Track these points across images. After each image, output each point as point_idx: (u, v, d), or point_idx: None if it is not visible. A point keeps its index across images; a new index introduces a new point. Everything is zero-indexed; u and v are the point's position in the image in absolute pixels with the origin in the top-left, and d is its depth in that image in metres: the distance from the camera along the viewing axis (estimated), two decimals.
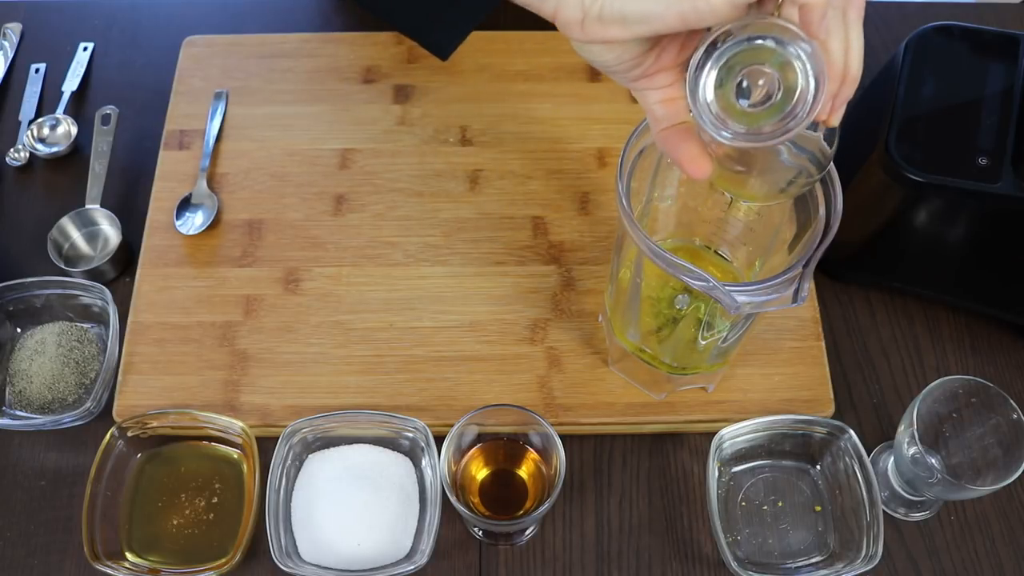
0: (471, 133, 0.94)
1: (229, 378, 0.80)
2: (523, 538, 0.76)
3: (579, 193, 0.90)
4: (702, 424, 0.79)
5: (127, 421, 0.76)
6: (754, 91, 0.50)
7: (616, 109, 0.96)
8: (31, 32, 1.04)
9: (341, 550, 0.72)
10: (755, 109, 0.50)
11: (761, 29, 0.49)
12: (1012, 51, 0.79)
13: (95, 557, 0.70)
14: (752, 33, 0.49)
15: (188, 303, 0.84)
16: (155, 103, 0.96)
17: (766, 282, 0.59)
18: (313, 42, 0.99)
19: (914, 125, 0.76)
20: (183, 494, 0.76)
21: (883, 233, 0.80)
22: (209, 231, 0.87)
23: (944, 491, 0.70)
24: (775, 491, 0.77)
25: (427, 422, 0.74)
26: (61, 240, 0.88)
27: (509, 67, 0.98)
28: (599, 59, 0.54)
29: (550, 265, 0.86)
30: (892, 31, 1.04)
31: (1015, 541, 0.76)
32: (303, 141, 0.93)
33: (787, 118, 0.50)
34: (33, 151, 0.94)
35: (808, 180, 0.58)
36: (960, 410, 0.73)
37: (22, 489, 0.78)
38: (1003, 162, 0.73)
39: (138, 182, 0.93)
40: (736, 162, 0.57)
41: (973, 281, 0.82)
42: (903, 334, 0.86)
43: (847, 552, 0.73)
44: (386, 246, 0.87)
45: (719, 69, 0.50)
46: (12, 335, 0.83)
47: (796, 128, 0.50)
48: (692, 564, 0.75)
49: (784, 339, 0.82)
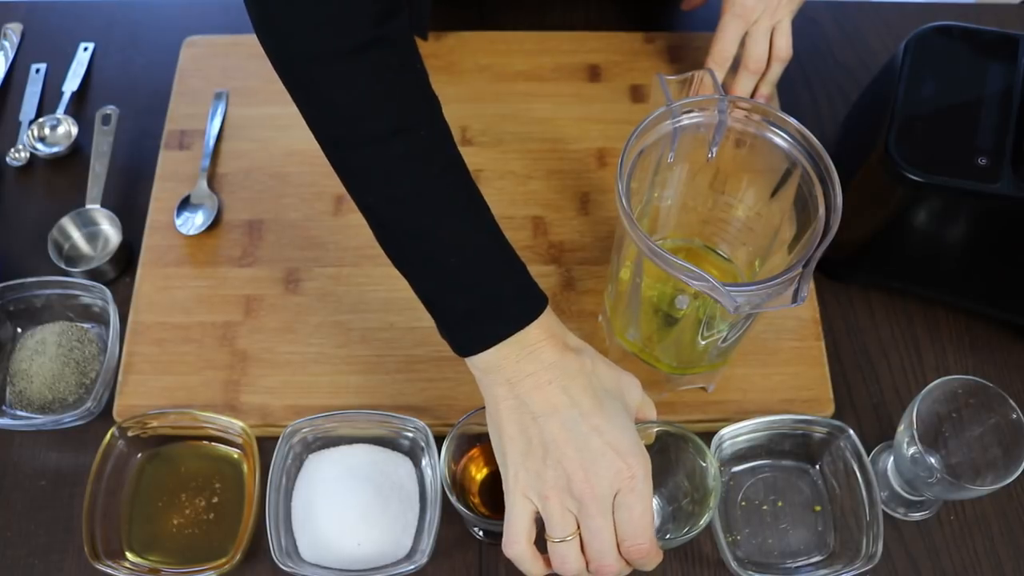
0: (471, 133, 0.94)
1: (229, 378, 0.80)
2: None
3: (579, 193, 0.90)
4: (702, 424, 0.79)
5: (127, 421, 0.76)
6: None
7: (616, 109, 0.96)
8: (31, 32, 1.04)
9: (341, 550, 0.72)
10: None
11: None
12: (1012, 51, 0.79)
13: (95, 557, 0.71)
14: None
15: (188, 303, 0.84)
16: (155, 103, 0.96)
17: (766, 282, 0.59)
18: None
19: (914, 125, 0.76)
20: (183, 494, 0.76)
21: (883, 233, 0.80)
22: (209, 231, 0.87)
23: (944, 491, 0.70)
24: (775, 491, 0.77)
25: (427, 422, 0.74)
26: (61, 240, 0.88)
27: (509, 67, 0.98)
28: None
29: (550, 265, 0.86)
30: (892, 31, 1.04)
31: (1015, 541, 0.76)
32: (303, 141, 0.91)
33: None
34: (33, 151, 0.94)
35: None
36: (959, 410, 0.73)
37: (22, 489, 0.78)
38: (1003, 162, 0.73)
39: (138, 182, 0.93)
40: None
41: (973, 281, 0.82)
42: (903, 334, 0.86)
43: (847, 552, 0.73)
44: None
45: None
46: (12, 335, 0.83)
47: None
48: (692, 564, 0.75)
49: (784, 339, 0.82)
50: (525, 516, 0.60)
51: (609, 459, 0.58)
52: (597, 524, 0.58)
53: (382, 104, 0.59)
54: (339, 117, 0.59)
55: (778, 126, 0.66)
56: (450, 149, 0.62)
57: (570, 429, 0.59)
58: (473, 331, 0.61)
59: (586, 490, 0.58)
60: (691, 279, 0.59)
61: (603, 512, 0.58)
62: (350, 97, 0.58)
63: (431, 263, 0.61)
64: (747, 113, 0.67)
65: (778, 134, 0.66)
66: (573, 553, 0.59)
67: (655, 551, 0.60)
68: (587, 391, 0.60)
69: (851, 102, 0.97)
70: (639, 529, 0.59)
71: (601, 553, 0.59)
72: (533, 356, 0.60)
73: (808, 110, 0.99)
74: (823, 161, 0.63)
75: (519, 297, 0.61)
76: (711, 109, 0.67)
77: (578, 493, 0.58)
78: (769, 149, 0.67)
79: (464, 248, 0.60)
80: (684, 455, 0.70)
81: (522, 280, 0.62)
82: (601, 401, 0.60)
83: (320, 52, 0.58)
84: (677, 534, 0.69)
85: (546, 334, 0.60)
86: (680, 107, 0.66)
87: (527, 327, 0.60)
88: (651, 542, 0.59)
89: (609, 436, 0.59)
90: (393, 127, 0.59)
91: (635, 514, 0.59)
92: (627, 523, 0.59)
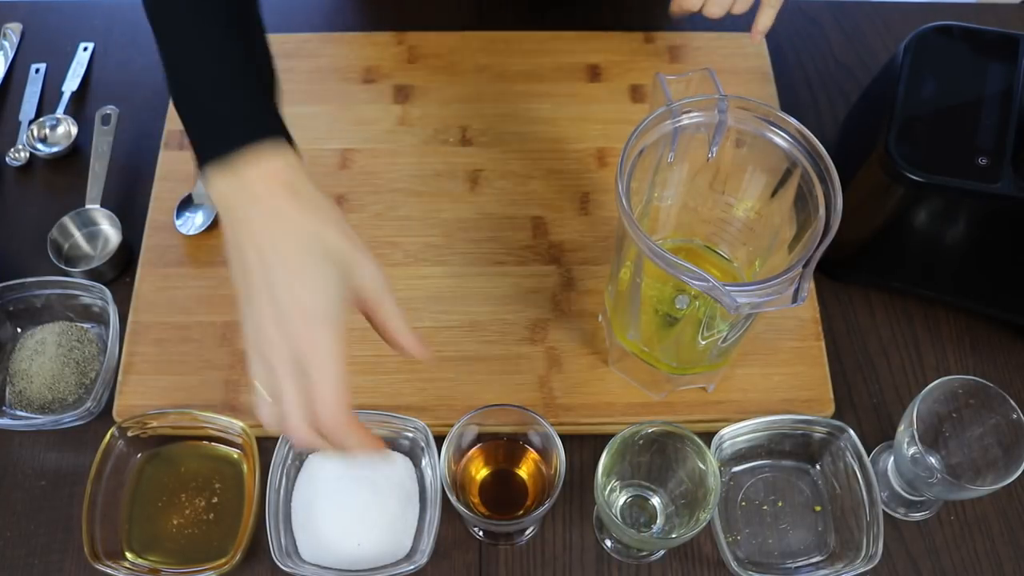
0: (471, 133, 0.94)
1: (229, 378, 0.80)
2: (523, 538, 0.76)
3: (579, 193, 0.90)
4: (702, 424, 0.79)
5: (127, 421, 0.76)
6: None
7: (616, 109, 0.96)
8: (31, 32, 1.04)
9: (341, 550, 0.72)
10: None
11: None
12: (1012, 51, 0.79)
13: (95, 557, 0.71)
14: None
15: (188, 303, 0.84)
16: (155, 103, 0.96)
17: (766, 282, 0.59)
18: (313, 42, 0.99)
19: (914, 125, 0.76)
20: (183, 494, 0.76)
21: (883, 233, 0.80)
22: (209, 231, 0.87)
23: (944, 491, 0.70)
24: (775, 491, 0.77)
25: (427, 422, 0.74)
26: (61, 240, 0.88)
27: (509, 67, 0.98)
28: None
29: (550, 265, 0.86)
30: (892, 31, 1.04)
31: (1015, 541, 0.76)
32: (303, 141, 0.91)
33: None
34: (33, 151, 0.94)
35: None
36: (960, 410, 0.73)
37: (22, 489, 0.78)
38: (1003, 162, 0.73)
39: (138, 182, 0.93)
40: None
41: (973, 281, 0.82)
42: (903, 334, 0.86)
43: (847, 552, 0.73)
44: (386, 246, 0.87)
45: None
46: (12, 335, 0.83)
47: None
48: (692, 564, 0.75)
49: (784, 339, 0.82)
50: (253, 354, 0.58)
51: (292, 321, 0.56)
52: (284, 385, 0.56)
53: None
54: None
55: (778, 126, 0.66)
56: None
57: (264, 279, 0.56)
58: (198, 150, 0.59)
59: (267, 348, 0.56)
60: (691, 279, 0.59)
61: (288, 374, 0.56)
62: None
63: (175, 72, 0.61)
64: (747, 112, 0.67)
65: (778, 134, 0.66)
66: (265, 405, 0.58)
67: (349, 429, 0.57)
68: (297, 246, 0.57)
69: (851, 102, 0.97)
70: (327, 401, 0.56)
71: (288, 414, 0.56)
72: (250, 191, 0.57)
73: (808, 110, 0.99)
74: (823, 161, 0.63)
75: (238, 117, 0.59)
76: (711, 109, 0.67)
77: (262, 348, 0.56)
78: (769, 149, 0.67)
79: (199, 62, 0.59)
80: (684, 455, 0.70)
81: (250, 102, 0.60)
82: (309, 261, 0.57)
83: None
84: (677, 534, 0.69)
85: (270, 174, 0.58)
86: (680, 107, 0.66)
87: (245, 158, 0.57)
88: (344, 415, 0.56)
89: (301, 298, 0.56)
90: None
91: (320, 387, 0.56)
92: (312, 392, 0.56)
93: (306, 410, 0.56)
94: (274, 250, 0.57)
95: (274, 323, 0.56)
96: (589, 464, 0.79)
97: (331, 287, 0.57)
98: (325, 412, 0.56)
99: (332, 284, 0.57)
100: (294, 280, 0.56)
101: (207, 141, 0.59)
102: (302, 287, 0.56)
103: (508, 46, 1.00)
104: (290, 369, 0.56)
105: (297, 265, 0.57)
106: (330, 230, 0.58)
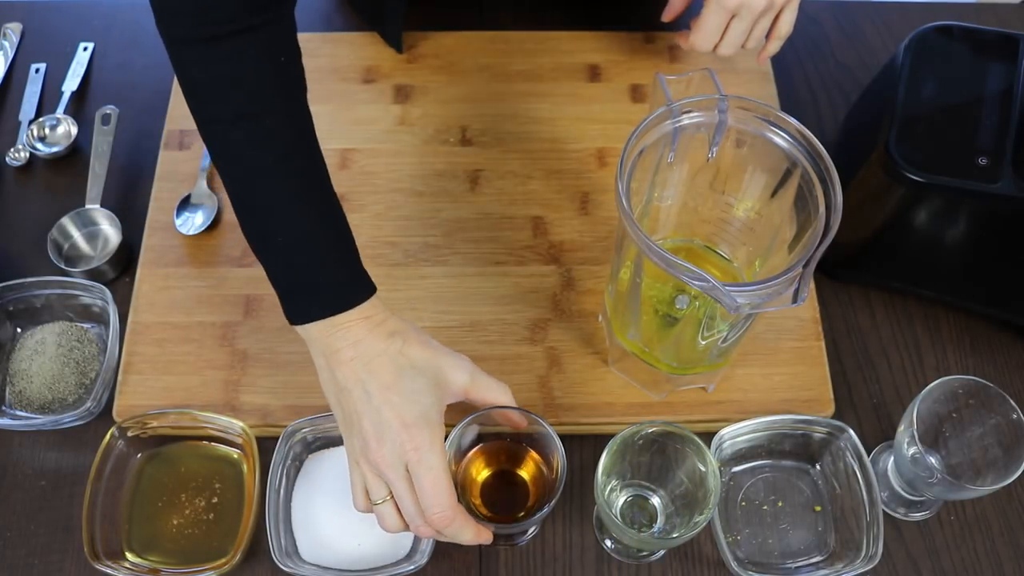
0: (471, 133, 0.94)
1: (229, 378, 0.80)
2: (524, 538, 0.76)
3: (579, 193, 0.90)
4: (702, 424, 0.79)
5: (127, 421, 0.76)
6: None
7: (616, 109, 0.96)
8: (31, 32, 1.04)
9: (341, 550, 0.72)
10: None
11: None
12: (1012, 51, 0.79)
13: (95, 557, 0.71)
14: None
15: (188, 303, 0.84)
16: (155, 103, 0.96)
17: (766, 282, 0.59)
18: (313, 42, 0.99)
19: (914, 125, 0.76)
20: (183, 494, 0.76)
21: (883, 233, 0.80)
22: (209, 231, 0.87)
23: (944, 491, 0.70)
24: (775, 491, 0.77)
25: None
26: (61, 240, 0.88)
27: (509, 67, 0.98)
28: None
29: (550, 265, 0.86)
30: (892, 31, 1.04)
31: (1015, 541, 0.76)
32: None
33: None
34: (33, 151, 0.94)
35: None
36: (960, 410, 0.73)
37: (22, 489, 0.78)
38: (1003, 162, 0.73)
39: (138, 182, 0.93)
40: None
41: (973, 281, 0.82)
42: (903, 334, 0.86)
43: (847, 552, 0.73)
44: (386, 246, 0.87)
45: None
46: (12, 335, 0.83)
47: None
48: (692, 564, 0.75)
49: (784, 339, 0.82)
50: (356, 478, 0.67)
51: (395, 431, 0.63)
52: (398, 490, 0.64)
53: (229, 90, 0.63)
54: (197, 97, 0.65)
55: (778, 126, 0.66)
56: (296, 137, 0.67)
57: (366, 401, 0.64)
58: (290, 307, 0.67)
59: (378, 459, 0.64)
60: (691, 279, 0.59)
61: (400, 478, 0.64)
62: (205, 79, 0.64)
63: (264, 240, 0.67)
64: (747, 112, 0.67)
65: (778, 134, 0.66)
66: (388, 513, 0.66)
67: (459, 522, 0.64)
68: (388, 367, 0.65)
69: (851, 102, 0.97)
70: (432, 499, 0.63)
71: (410, 516, 0.65)
72: (342, 334, 0.65)
73: (808, 110, 0.99)
74: (823, 161, 0.63)
75: (336, 284, 0.66)
76: (711, 109, 0.67)
77: (373, 461, 0.64)
78: (769, 149, 0.67)
79: (290, 231, 0.65)
80: (684, 455, 0.70)
81: (345, 271, 0.67)
82: (401, 376, 0.65)
83: (188, 36, 0.63)
84: (677, 534, 0.69)
85: (359, 316, 0.66)
86: (680, 107, 0.66)
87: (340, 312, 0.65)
88: (450, 511, 0.64)
89: (400, 409, 0.64)
90: (237, 112, 0.64)
91: (425, 484, 0.63)
92: (420, 492, 0.64)
93: (419, 508, 0.64)
94: (368, 372, 0.65)
95: (376, 437, 0.64)
96: (589, 464, 0.79)
97: (423, 395, 0.65)
98: (434, 512, 0.64)
99: (424, 392, 0.66)
100: (391, 395, 0.64)
101: (301, 306, 0.66)
102: (399, 398, 0.64)
103: (508, 46, 1.00)
104: (402, 473, 0.64)
105: (391, 381, 0.65)
106: (413, 347, 0.66)
